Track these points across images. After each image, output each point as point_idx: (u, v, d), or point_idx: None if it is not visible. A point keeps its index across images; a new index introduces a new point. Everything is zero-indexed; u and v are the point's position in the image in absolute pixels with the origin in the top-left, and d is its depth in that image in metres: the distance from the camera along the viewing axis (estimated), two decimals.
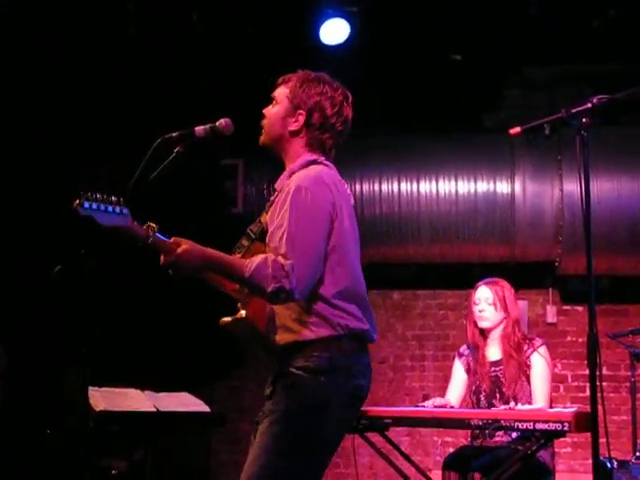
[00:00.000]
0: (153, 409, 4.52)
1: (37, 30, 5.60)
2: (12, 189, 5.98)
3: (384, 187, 6.46)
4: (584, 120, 3.26)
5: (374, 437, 4.47)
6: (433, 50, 6.17)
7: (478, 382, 4.55)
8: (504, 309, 4.55)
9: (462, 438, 5.63)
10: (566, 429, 3.80)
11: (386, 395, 7.00)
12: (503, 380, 4.46)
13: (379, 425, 4.35)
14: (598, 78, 6.09)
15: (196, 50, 6.01)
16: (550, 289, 7.08)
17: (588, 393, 3.26)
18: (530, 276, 6.85)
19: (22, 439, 5.48)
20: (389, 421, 4.31)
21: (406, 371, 7.22)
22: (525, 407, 4.16)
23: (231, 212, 6.67)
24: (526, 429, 3.93)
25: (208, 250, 2.69)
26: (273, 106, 2.96)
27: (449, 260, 6.78)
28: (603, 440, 3.24)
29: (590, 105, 3.26)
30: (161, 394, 4.69)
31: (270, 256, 2.65)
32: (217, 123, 2.91)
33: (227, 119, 2.92)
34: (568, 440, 6.46)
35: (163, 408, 4.55)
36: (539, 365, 4.44)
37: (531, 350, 4.47)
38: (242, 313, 2.89)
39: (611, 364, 6.64)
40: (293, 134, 2.91)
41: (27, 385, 5.83)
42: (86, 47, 5.77)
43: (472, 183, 6.36)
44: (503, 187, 6.33)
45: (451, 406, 4.48)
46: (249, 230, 2.96)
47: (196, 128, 2.90)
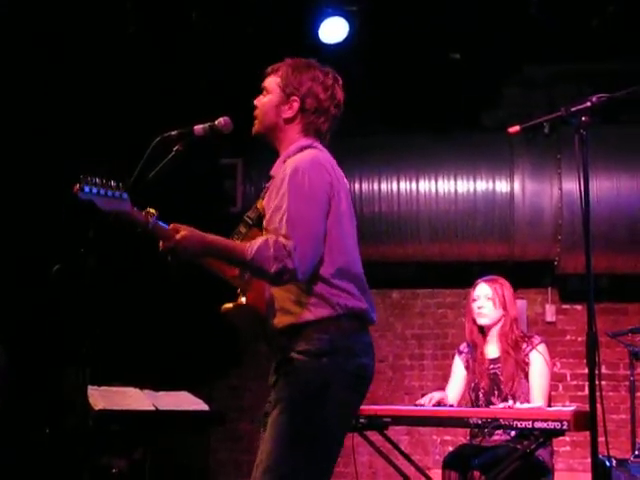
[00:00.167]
0: (152, 408, 4.52)
1: (37, 30, 5.60)
2: (12, 189, 5.98)
3: (383, 186, 6.47)
4: (583, 119, 3.26)
5: (373, 436, 4.47)
6: (432, 49, 6.17)
7: (477, 379, 4.55)
8: (503, 307, 4.55)
9: (461, 437, 5.64)
10: (565, 428, 3.80)
11: (385, 394, 7.00)
12: (501, 378, 4.47)
13: (378, 424, 4.35)
14: (597, 77, 6.09)
15: (196, 50, 6.00)
16: (549, 288, 7.08)
17: (587, 392, 3.26)
18: (529, 275, 6.85)
19: (22, 439, 5.49)
20: (388, 420, 4.31)
21: (405, 370, 7.23)
22: (524, 406, 4.16)
23: (230, 211, 6.67)
24: (525, 428, 3.93)
25: (208, 235, 2.68)
26: (264, 96, 2.96)
27: (448, 259, 6.79)
28: (602, 439, 3.23)
29: (589, 104, 3.26)
30: (160, 393, 4.69)
31: (271, 237, 2.64)
32: (216, 122, 2.91)
33: (226, 118, 2.92)
34: (567, 439, 6.46)
35: (162, 407, 4.55)
36: (538, 363, 4.44)
37: (530, 348, 4.48)
38: (242, 300, 2.89)
39: (610, 363, 6.65)
40: (288, 121, 2.91)
41: (26, 385, 5.83)
42: (86, 47, 5.77)
43: (471, 182, 6.36)
44: (502, 186, 6.34)
45: (450, 404, 4.48)
46: (246, 217, 2.94)
47: (195, 127, 2.90)
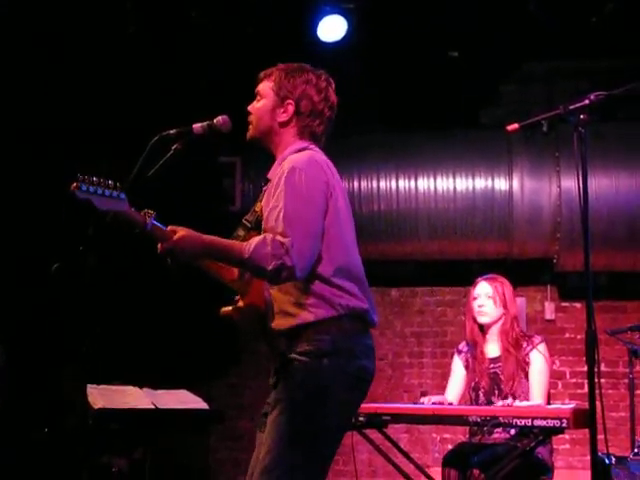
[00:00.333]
0: (151, 406, 4.51)
1: (37, 29, 5.60)
2: (11, 188, 5.98)
3: (382, 184, 6.46)
4: (582, 117, 3.26)
5: (373, 434, 4.47)
6: (431, 47, 6.17)
7: (477, 379, 4.55)
8: (503, 305, 4.55)
9: (461, 435, 5.64)
10: (564, 426, 3.80)
11: (385, 392, 7.00)
12: (502, 377, 4.47)
13: (378, 422, 4.35)
14: (596, 74, 6.10)
15: (196, 50, 6.00)
16: (548, 286, 7.08)
17: (586, 390, 3.26)
18: (528, 273, 6.85)
19: (21, 438, 5.48)
20: (388, 418, 4.31)
21: (405, 368, 7.23)
22: (523, 404, 4.17)
23: (229, 210, 6.67)
24: (525, 426, 3.93)
25: (205, 236, 2.67)
26: (258, 101, 2.97)
27: (447, 257, 6.79)
28: (601, 436, 3.23)
29: (588, 102, 3.26)
30: (159, 391, 4.69)
31: (268, 235, 2.64)
32: (215, 120, 2.92)
33: (225, 116, 2.93)
34: (567, 437, 6.46)
35: (161, 405, 4.54)
36: (538, 362, 4.44)
37: (530, 347, 4.48)
38: (241, 303, 2.89)
39: (609, 360, 6.65)
40: (283, 125, 2.92)
41: (26, 384, 5.83)
42: (86, 46, 5.77)
43: (470, 180, 6.36)
44: (501, 184, 6.34)
45: (449, 403, 4.48)
46: (244, 220, 2.95)
47: (194, 125, 2.90)
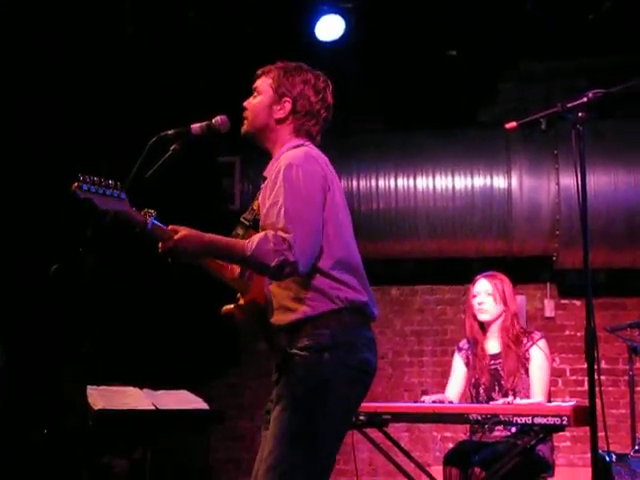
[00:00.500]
0: (152, 407, 4.51)
1: (37, 30, 5.59)
2: (11, 188, 5.98)
3: (381, 183, 6.46)
4: (580, 114, 3.26)
5: (373, 433, 4.47)
6: (429, 45, 6.17)
7: (477, 375, 4.55)
8: (503, 302, 4.55)
9: (461, 433, 5.64)
10: (565, 423, 3.80)
11: (385, 391, 7.00)
12: (502, 373, 4.47)
13: (378, 421, 4.34)
14: (594, 72, 6.09)
15: (196, 50, 6.00)
16: (548, 283, 7.08)
17: (587, 387, 3.26)
18: (528, 271, 6.85)
19: (21, 439, 5.48)
20: (388, 417, 4.31)
21: (405, 367, 7.23)
22: (524, 401, 4.17)
23: (228, 209, 6.68)
24: (525, 423, 3.93)
25: (206, 235, 2.67)
26: (254, 97, 2.97)
27: (446, 255, 6.79)
28: (602, 434, 3.24)
29: (586, 99, 3.26)
30: (159, 392, 4.69)
31: (269, 232, 2.64)
32: (213, 120, 2.92)
33: (223, 116, 2.93)
34: (567, 434, 6.46)
35: (162, 406, 4.54)
36: (538, 358, 4.44)
37: (530, 343, 4.48)
38: (242, 301, 2.90)
39: (609, 358, 6.65)
40: (279, 122, 2.92)
41: (26, 385, 5.83)
42: (85, 46, 5.77)
43: (469, 178, 6.36)
44: (500, 182, 6.34)
45: (450, 401, 4.48)
46: (243, 218, 2.95)
47: (192, 126, 2.91)
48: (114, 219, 2.59)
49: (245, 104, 2.98)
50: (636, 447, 4.65)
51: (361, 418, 4.26)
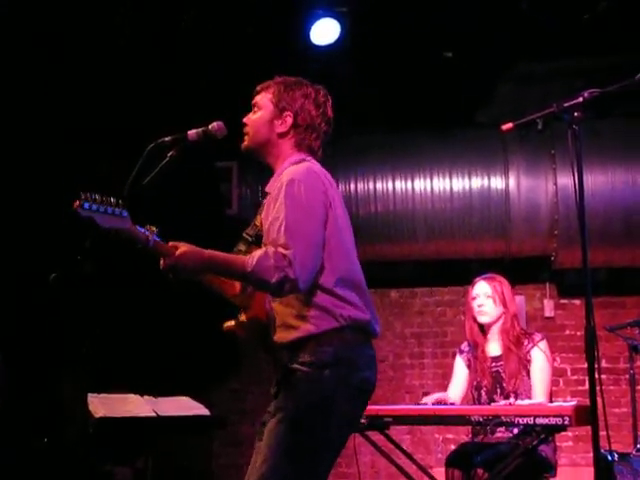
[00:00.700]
0: (153, 414, 4.51)
1: (37, 30, 5.58)
2: (11, 190, 5.96)
3: (379, 185, 6.46)
4: (576, 114, 3.26)
5: (375, 436, 4.47)
6: (425, 47, 6.16)
7: (479, 378, 4.55)
8: (503, 304, 4.55)
9: (463, 435, 5.64)
10: (566, 423, 3.80)
11: (386, 394, 6.99)
12: (504, 376, 4.47)
13: (380, 424, 4.35)
14: (592, 72, 6.08)
15: (196, 50, 5.99)
16: (547, 283, 7.08)
17: (588, 386, 3.26)
18: (527, 271, 6.85)
19: (21, 447, 5.47)
20: (390, 420, 4.31)
21: (406, 369, 7.22)
22: (525, 402, 4.16)
23: (226, 213, 6.68)
24: (527, 424, 3.93)
25: (207, 251, 2.67)
26: (254, 113, 2.97)
27: (445, 257, 6.79)
28: (604, 433, 3.23)
29: (581, 99, 3.27)
30: (161, 399, 4.68)
31: (270, 248, 2.64)
32: (210, 126, 2.91)
33: (220, 122, 2.92)
34: (569, 434, 6.46)
35: (163, 413, 4.54)
36: (539, 359, 4.44)
37: (531, 345, 4.48)
38: (244, 317, 2.89)
39: (610, 357, 6.65)
40: (281, 136, 2.93)
41: (25, 392, 5.81)
42: (85, 46, 5.76)
43: (466, 180, 6.36)
44: (497, 183, 6.34)
45: (451, 402, 4.48)
46: (245, 234, 2.96)
47: (189, 132, 2.90)
48: (116, 236, 2.58)
49: (245, 120, 2.98)
50: (638, 446, 4.65)
51: (363, 421, 4.26)
